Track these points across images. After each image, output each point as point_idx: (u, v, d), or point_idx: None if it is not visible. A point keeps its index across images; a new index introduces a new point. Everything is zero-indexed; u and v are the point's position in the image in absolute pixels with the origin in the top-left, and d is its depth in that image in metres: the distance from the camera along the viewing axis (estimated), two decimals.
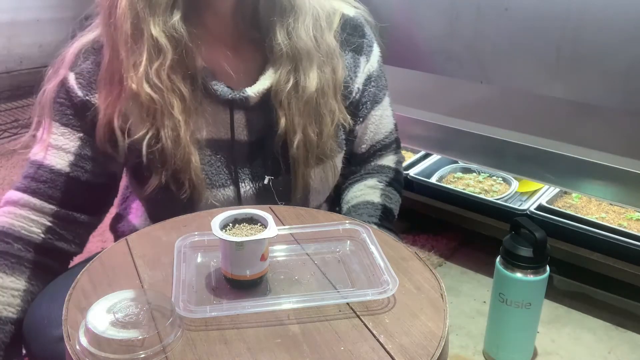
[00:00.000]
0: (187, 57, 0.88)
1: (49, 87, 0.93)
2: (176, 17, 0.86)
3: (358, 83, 1.03)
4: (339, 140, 1.01)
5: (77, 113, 0.92)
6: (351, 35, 1.01)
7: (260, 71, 0.95)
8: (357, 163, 1.11)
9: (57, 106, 0.92)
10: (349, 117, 1.01)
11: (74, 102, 0.91)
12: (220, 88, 0.92)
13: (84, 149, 0.93)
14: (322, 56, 0.94)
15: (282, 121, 0.94)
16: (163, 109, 0.87)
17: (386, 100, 1.09)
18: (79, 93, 0.91)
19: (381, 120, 1.08)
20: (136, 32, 0.85)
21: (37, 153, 0.93)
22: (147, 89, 0.85)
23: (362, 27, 1.04)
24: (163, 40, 0.85)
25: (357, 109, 1.05)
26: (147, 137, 0.88)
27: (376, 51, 1.06)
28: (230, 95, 0.92)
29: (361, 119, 1.06)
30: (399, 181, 1.12)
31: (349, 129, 1.03)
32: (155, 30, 0.84)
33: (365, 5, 1.07)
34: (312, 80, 0.93)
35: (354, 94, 1.03)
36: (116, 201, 1.11)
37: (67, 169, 0.92)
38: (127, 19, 0.84)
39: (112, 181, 0.99)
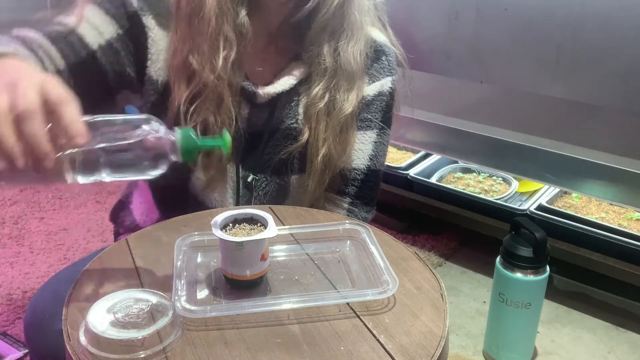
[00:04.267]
0: (243, 50, 0.91)
1: None
2: (243, 13, 0.89)
3: None
4: None
5: (127, 17, 0.91)
6: (366, 56, 0.99)
7: (278, 75, 0.97)
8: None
9: None
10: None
11: (127, 7, 0.90)
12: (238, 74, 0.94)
13: (117, 43, 0.90)
14: (359, 84, 0.96)
15: (306, 134, 0.95)
16: (220, 98, 0.90)
17: (371, 136, 1.01)
18: (135, 4, 0.90)
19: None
20: (217, 27, 0.88)
21: (69, 19, 0.90)
22: (215, 80, 0.89)
23: (381, 54, 1.01)
24: (232, 35, 0.89)
25: None
26: (194, 106, 0.90)
27: (384, 82, 1.01)
28: (242, 83, 0.94)
29: None
30: None
31: None
32: (228, 25, 0.88)
33: None
34: (350, 101, 0.95)
35: None
36: (120, 190, 1.10)
37: (95, 47, 0.89)
38: (213, 15, 0.87)
39: (116, 92, 0.95)
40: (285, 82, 0.96)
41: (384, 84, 1.01)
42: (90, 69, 0.90)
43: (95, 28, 0.89)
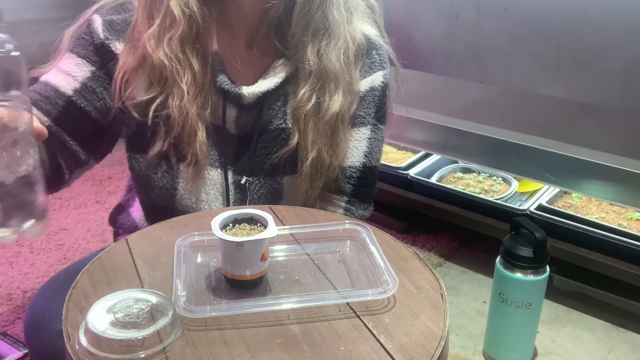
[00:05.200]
0: (200, 35, 0.91)
1: (74, 26, 0.96)
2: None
3: None
4: None
5: (96, 50, 0.94)
6: (354, 53, 0.99)
7: (264, 74, 0.97)
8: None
9: (78, 40, 0.95)
10: None
11: (94, 41, 0.94)
12: (220, 77, 0.94)
13: (91, 82, 0.94)
14: (347, 84, 0.96)
15: (295, 137, 0.95)
16: (173, 77, 0.90)
17: (365, 133, 1.01)
18: (101, 35, 0.94)
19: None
20: (165, 8, 0.89)
21: (47, 75, 0.96)
22: (160, 54, 0.89)
23: (371, 48, 1.00)
24: (177, 11, 0.89)
25: None
26: (156, 101, 0.91)
27: (375, 77, 1.01)
28: (226, 87, 0.94)
29: None
30: None
31: None
32: (172, 1, 0.88)
33: None
34: (335, 102, 0.95)
35: None
36: (120, 193, 1.12)
37: (70, 93, 0.93)
38: None
39: (110, 126, 0.98)
40: (270, 81, 0.96)
41: (375, 78, 1.01)
42: (73, 115, 0.94)
43: (69, 74, 0.94)
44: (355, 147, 1.01)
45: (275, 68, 0.96)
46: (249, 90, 0.95)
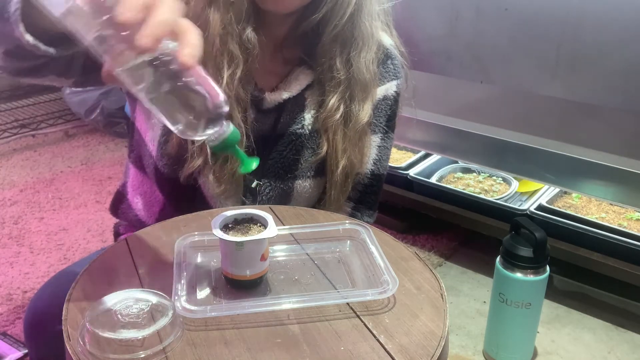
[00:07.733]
0: (251, 65, 0.90)
1: None
2: (249, 29, 0.88)
3: None
4: None
5: None
6: (377, 63, 0.99)
7: (285, 81, 0.97)
8: None
9: None
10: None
11: None
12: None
13: None
14: (373, 88, 0.96)
15: (324, 147, 0.95)
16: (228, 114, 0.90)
17: (375, 141, 1.01)
18: None
19: None
20: (221, 47, 0.87)
21: None
22: None
23: (387, 58, 1.01)
24: (237, 52, 0.87)
25: None
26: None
27: (389, 86, 1.01)
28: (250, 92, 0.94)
29: None
30: None
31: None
32: (233, 44, 0.87)
33: None
34: (366, 111, 0.95)
35: None
36: (119, 179, 1.10)
37: None
38: (217, 35, 0.86)
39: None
40: (292, 89, 0.96)
41: (389, 87, 1.01)
42: None
43: None
44: (366, 156, 1.01)
45: (297, 76, 0.96)
46: (271, 97, 0.95)
